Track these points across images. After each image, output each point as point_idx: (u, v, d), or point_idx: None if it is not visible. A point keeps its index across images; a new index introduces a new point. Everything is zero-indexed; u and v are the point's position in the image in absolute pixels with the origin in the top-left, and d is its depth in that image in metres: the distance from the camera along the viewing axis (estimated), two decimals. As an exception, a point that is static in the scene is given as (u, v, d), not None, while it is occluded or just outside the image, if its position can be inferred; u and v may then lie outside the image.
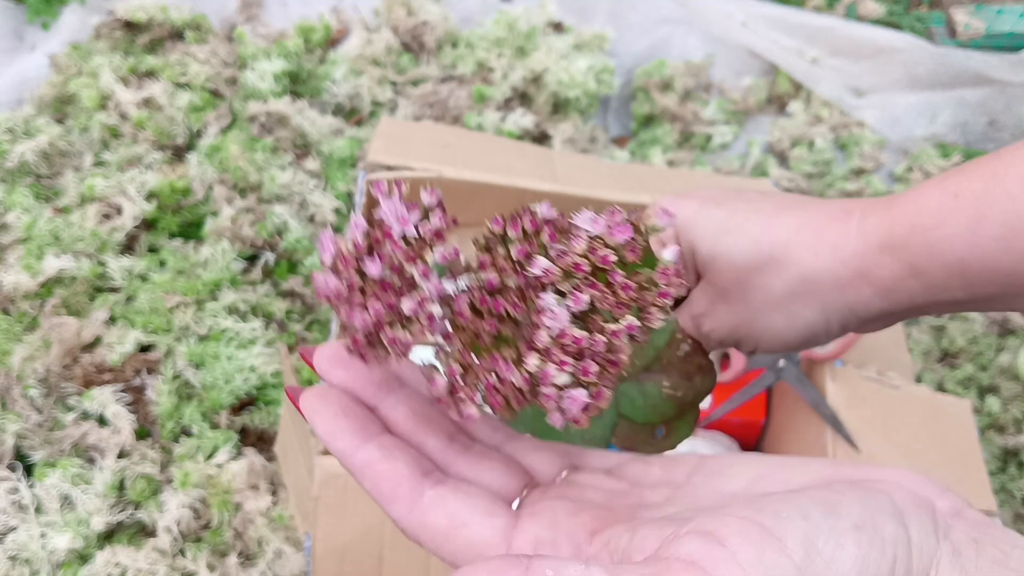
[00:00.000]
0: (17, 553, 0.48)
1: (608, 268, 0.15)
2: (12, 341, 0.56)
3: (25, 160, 0.63)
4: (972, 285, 0.20)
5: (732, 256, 0.23)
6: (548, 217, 0.16)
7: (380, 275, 0.15)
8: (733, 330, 0.24)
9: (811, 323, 0.23)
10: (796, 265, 0.23)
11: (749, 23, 0.84)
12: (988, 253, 0.20)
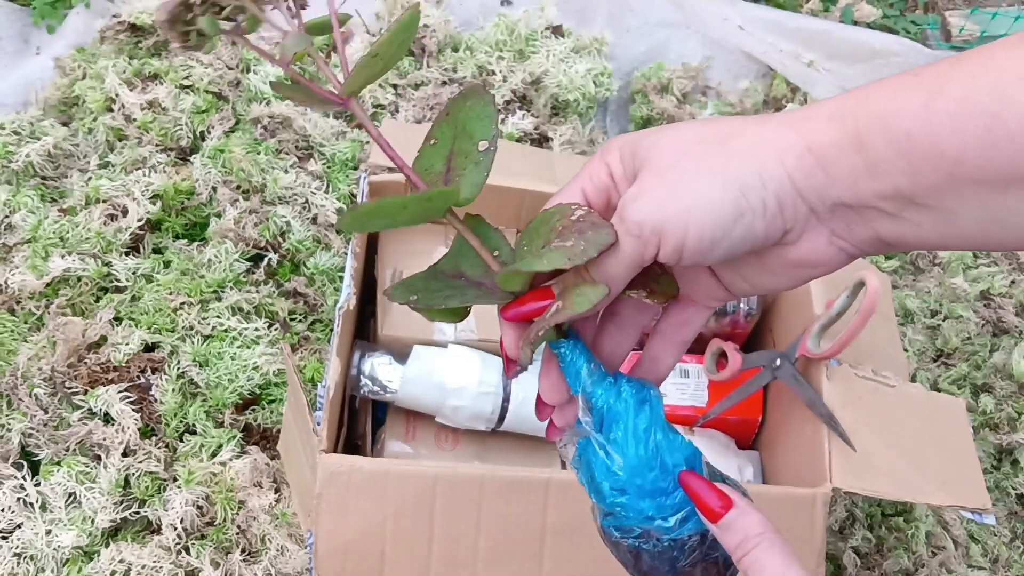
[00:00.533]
0: (23, 550, 0.49)
1: None
2: (18, 341, 0.57)
3: (31, 162, 0.64)
4: (915, 170, 0.19)
5: (676, 135, 0.22)
6: None
7: None
8: (659, 204, 0.21)
9: (747, 187, 0.20)
10: (738, 135, 0.21)
11: (746, 26, 0.85)
12: (937, 131, 0.18)
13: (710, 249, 0.21)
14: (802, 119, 0.21)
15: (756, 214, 0.21)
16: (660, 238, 0.21)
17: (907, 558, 0.59)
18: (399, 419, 0.53)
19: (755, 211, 0.21)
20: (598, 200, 0.24)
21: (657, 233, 0.21)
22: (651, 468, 0.24)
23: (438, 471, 0.43)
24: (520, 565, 0.44)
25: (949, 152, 0.18)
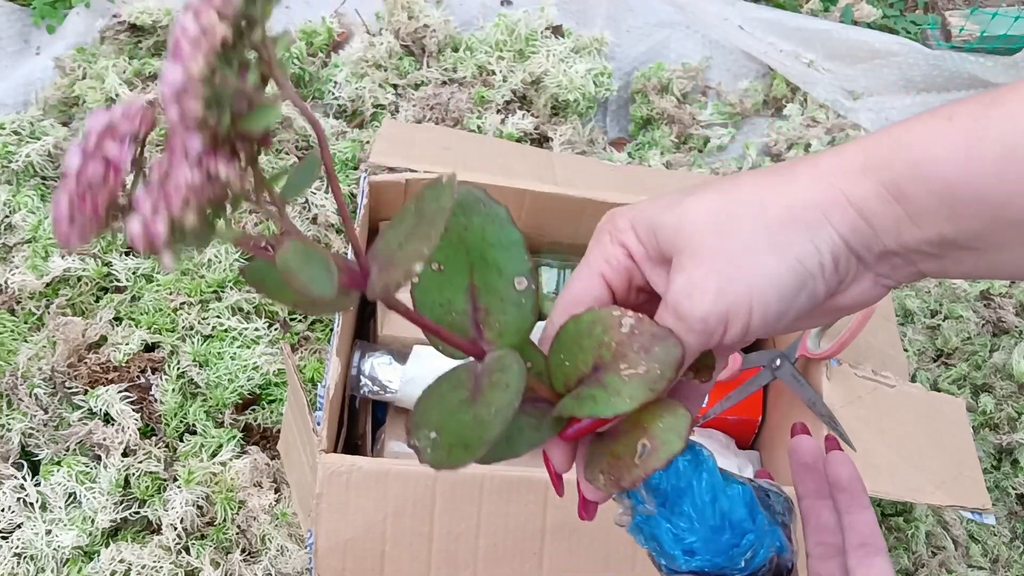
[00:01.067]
0: (23, 550, 0.49)
1: None
2: (18, 341, 0.57)
3: (31, 161, 0.64)
4: (959, 216, 0.18)
5: (702, 211, 0.21)
6: None
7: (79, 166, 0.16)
8: (719, 293, 0.20)
9: (803, 255, 0.20)
10: (773, 198, 0.20)
11: (746, 27, 0.85)
12: (981, 178, 0.18)
13: (776, 322, 0.21)
14: (835, 173, 0.20)
15: (816, 278, 0.20)
16: (726, 326, 0.21)
17: (907, 558, 0.59)
18: (399, 419, 0.53)
19: (815, 276, 0.20)
20: (620, 284, 0.23)
21: (722, 322, 0.20)
22: (722, 532, 0.24)
23: (439, 472, 0.43)
24: (520, 564, 0.44)
25: (993, 198, 0.18)
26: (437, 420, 0.20)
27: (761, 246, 0.20)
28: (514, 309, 0.21)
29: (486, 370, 0.21)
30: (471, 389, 0.21)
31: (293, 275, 0.17)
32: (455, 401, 0.21)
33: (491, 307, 0.21)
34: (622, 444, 0.21)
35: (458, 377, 0.21)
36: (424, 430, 0.20)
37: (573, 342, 0.21)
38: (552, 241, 0.59)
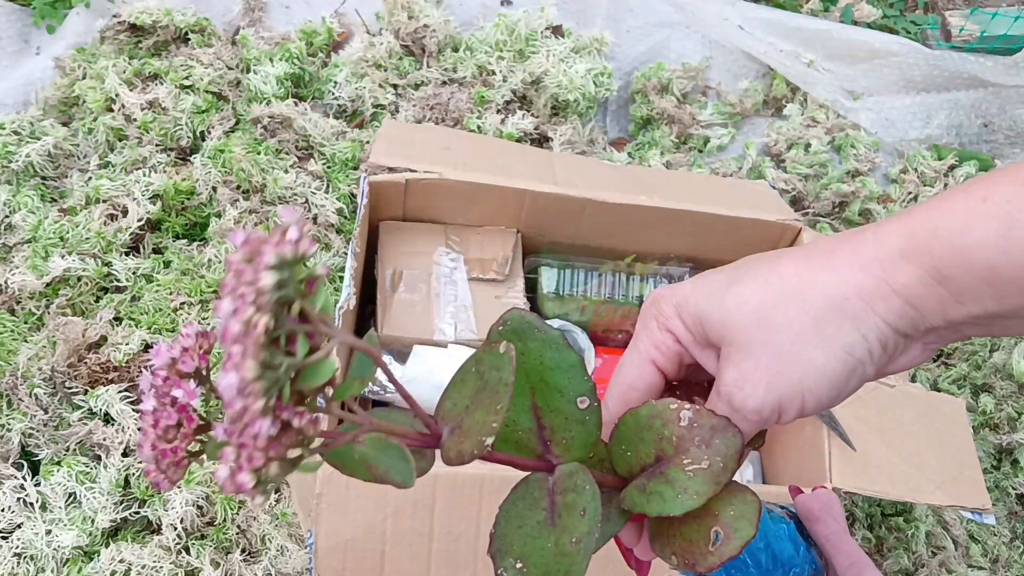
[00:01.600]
0: (23, 550, 0.49)
1: None
2: (18, 341, 0.57)
3: (31, 162, 0.64)
4: (1003, 295, 0.19)
5: (745, 303, 0.21)
6: None
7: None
8: (770, 387, 0.21)
9: (850, 346, 0.20)
10: (814, 288, 0.20)
11: (746, 27, 0.85)
12: (1021, 259, 0.18)
13: (829, 404, 0.21)
14: (875, 261, 0.20)
15: (866, 364, 0.21)
16: (780, 413, 0.21)
17: (907, 558, 0.59)
18: (399, 419, 0.53)
19: (864, 362, 0.21)
20: (671, 368, 0.23)
21: (776, 411, 0.21)
22: (774, 573, 0.25)
23: (438, 471, 0.43)
24: (520, 565, 0.44)
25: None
26: (519, 548, 0.21)
27: (808, 339, 0.20)
28: (579, 427, 0.22)
29: (559, 487, 0.22)
30: (547, 508, 0.22)
31: (373, 465, 0.19)
32: (533, 523, 0.21)
33: (556, 426, 0.22)
34: (693, 529, 0.22)
35: (531, 493, 0.22)
36: (509, 559, 0.21)
37: (634, 434, 0.22)
38: (552, 241, 0.59)
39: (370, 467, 0.19)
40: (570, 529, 0.20)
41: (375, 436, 0.19)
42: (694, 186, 0.63)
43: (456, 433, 0.20)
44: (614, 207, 0.55)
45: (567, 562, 0.20)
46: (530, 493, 0.22)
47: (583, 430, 0.22)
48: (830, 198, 0.77)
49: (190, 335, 0.18)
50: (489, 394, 0.20)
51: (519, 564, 0.21)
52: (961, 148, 0.84)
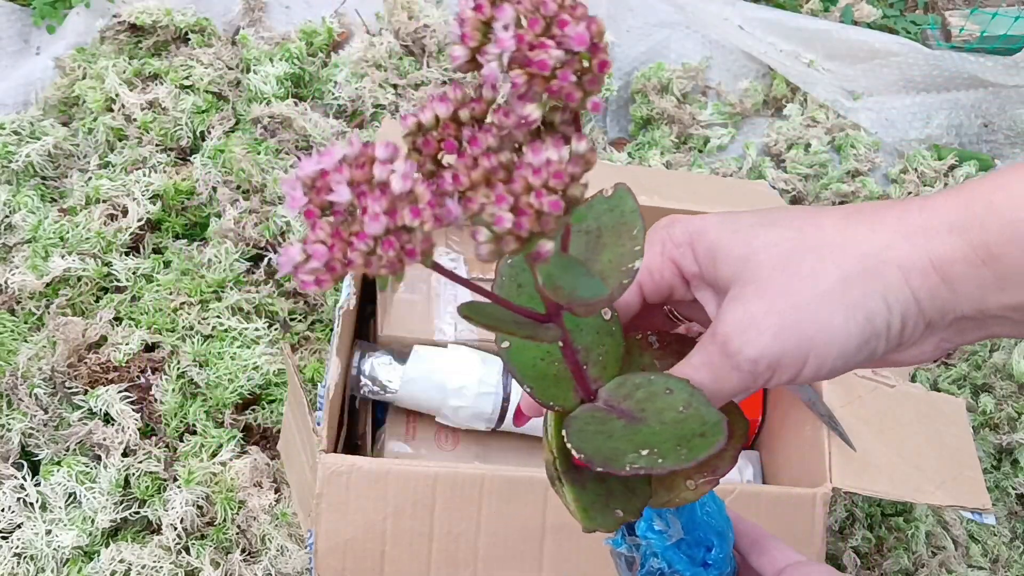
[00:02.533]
0: (23, 550, 0.49)
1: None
2: (18, 340, 0.57)
3: (31, 161, 0.64)
4: None
5: (774, 244, 0.19)
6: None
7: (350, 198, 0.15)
8: (777, 336, 0.19)
9: (873, 315, 0.18)
10: (852, 244, 0.19)
11: (746, 27, 0.85)
12: None
13: (828, 375, 0.20)
14: (921, 230, 0.19)
15: (880, 338, 0.19)
16: (774, 372, 0.19)
17: (907, 558, 0.59)
18: (399, 419, 0.53)
19: (879, 335, 0.19)
20: (656, 296, 0.22)
21: (772, 369, 0.19)
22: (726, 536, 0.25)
23: (438, 471, 0.43)
24: (520, 565, 0.44)
25: None
26: (627, 444, 0.19)
27: (832, 296, 0.19)
28: (610, 339, 0.21)
29: (617, 398, 0.21)
30: (622, 416, 0.20)
31: (559, 284, 0.17)
32: (620, 428, 0.20)
33: (590, 344, 0.21)
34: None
35: (593, 416, 0.21)
36: (629, 455, 0.19)
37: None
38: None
39: (555, 288, 0.17)
40: (667, 408, 0.19)
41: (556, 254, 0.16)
42: (694, 186, 0.63)
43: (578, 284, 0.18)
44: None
45: (694, 419, 0.19)
46: (591, 417, 0.20)
47: (613, 342, 0.21)
48: (830, 198, 0.77)
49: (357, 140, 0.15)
50: (611, 233, 0.19)
51: (643, 451, 0.19)
52: (961, 148, 0.84)
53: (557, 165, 0.15)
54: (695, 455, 0.19)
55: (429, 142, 0.17)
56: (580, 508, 0.21)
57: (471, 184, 0.15)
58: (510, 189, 0.15)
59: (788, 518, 0.45)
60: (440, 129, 0.17)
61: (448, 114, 0.17)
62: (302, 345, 0.60)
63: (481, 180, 0.15)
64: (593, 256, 0.19)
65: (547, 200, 0.15)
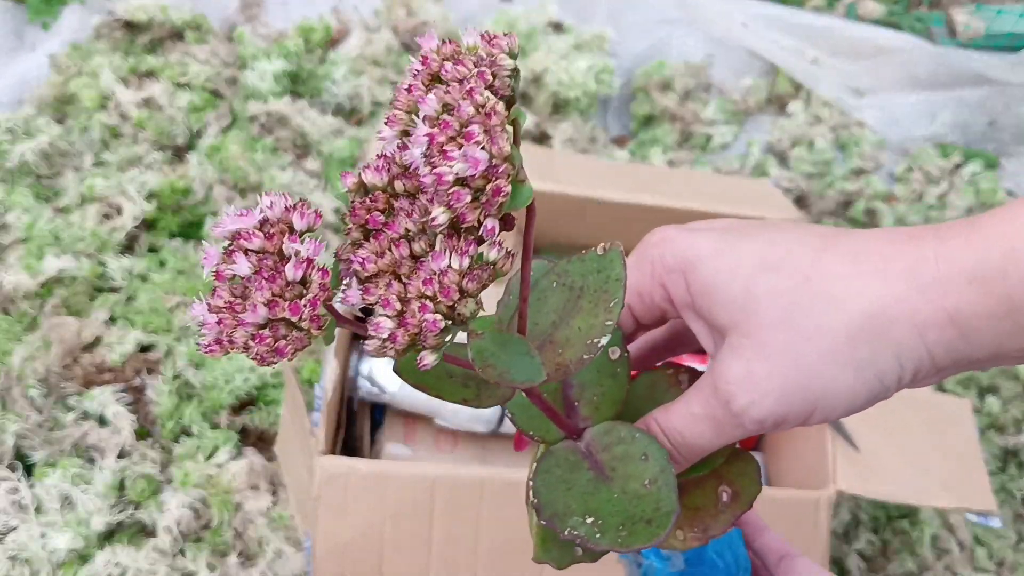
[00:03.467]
0: (17, 553, 0.48)
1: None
2: (12, 341, 0.56)
3: (25, 160, 0.63)
4: None
5: (776, 295, 0.18)
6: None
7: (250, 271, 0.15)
8: (782, 398, 0.18)
9: (884, 373, 0.18)
10: (860, 298, 0.18)
11: (749, 23, 0.84)
12: None
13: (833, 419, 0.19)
14: (937, 282, 0.17)
15: (890, 389, 0.19)
16: (779, 426, 0.19)
17: (912, 561, 0.59)
18: (397, 421, 0.52)
19: (890, 388, 0.19)
20: (648, 318, 0.21)
21: (777, 424, 0.19)
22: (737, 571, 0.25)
23: (437, 473, 0.42)
24: (520, 568, 0.43)
25: None
26: (580, 505, 0.19)
27: (839, 356, 0.18)
28: (610, 380, 0.21)
29: (598, 446, 0.20)
30: (592, 467, 0.20)
31: (490, 364, 0.16)
32: (583, 482, 0.20)
33: (586, 381, 0.21)
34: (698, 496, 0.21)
35: (566, 458, 0.20)
36: (574, 518, 0.19)
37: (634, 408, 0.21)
38: (552, 241, 0.58)
39: (487, 367, 0.16)
40: (635, 476, 0.19)
41: (494, 331, 0.17)
42: (697, 184, 0.62)
43: (547, 349, 0.18)
44: (616, 206, 0.54)
45: (651, 500, 0.18)
46: (564, 459, 0.20)
47: (614, 384, 0.21)
48: (834, 196, 0.76)
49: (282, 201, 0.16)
50: (590, 298, 0.18)
51: (589, 519, 0.19)
52: (967, 146, 0.83)
53: (452, 277, 0.15)
54: (631, 542, 0.18)
55: (356, 212, 0.16)
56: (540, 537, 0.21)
57: (376, 272, 0.15)
58: (401, 294, 0.15)
59: (792, 521, 0.44)
60: (380, 194, 0.16)
61: (383, 183, 0.16)
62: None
63: (386, 270, 0.15)
64: (566, 318, 0.18)
65: (428, 317, 0.15)
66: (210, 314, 0.15)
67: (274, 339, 0.15)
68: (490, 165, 0.14)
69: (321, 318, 0.15)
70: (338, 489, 0.41)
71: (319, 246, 0.16)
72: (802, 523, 0.44)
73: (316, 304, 0.15)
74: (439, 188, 0.14)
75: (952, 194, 0.78)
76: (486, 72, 0.14)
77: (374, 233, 0.16)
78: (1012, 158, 0.83)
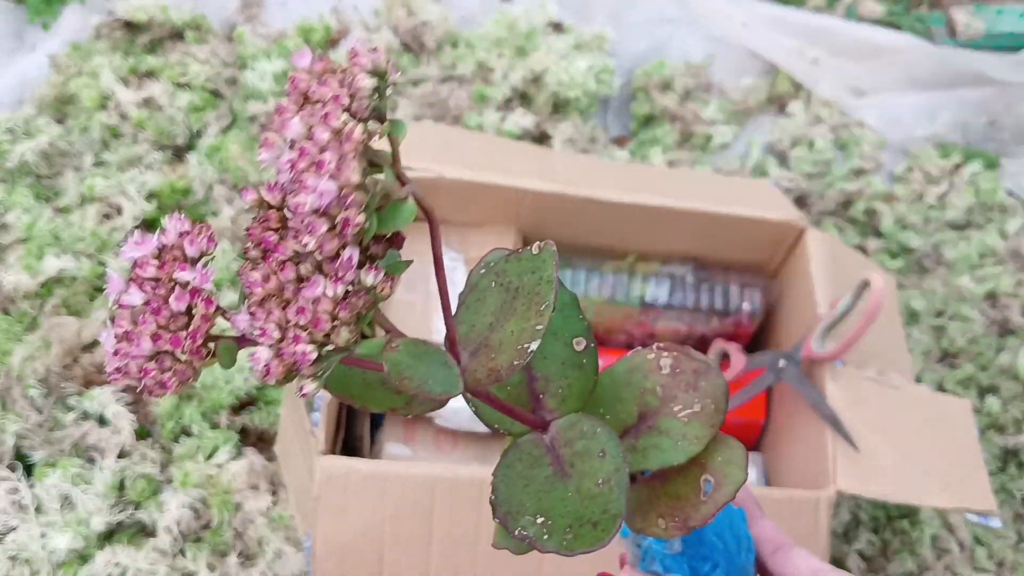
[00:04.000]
0: (17, 553, 0.48)
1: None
2: (12, 341, 0.56)
3: (25, 160, 0.63)
4: None
5: None
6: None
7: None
8: None
9: None
10: None
11: (749, 23, 0.84)
12: None
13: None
14: None
15: None
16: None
17: (912, 561, 0.59)
18: (397, 421, 0.52)
19: None
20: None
21: None
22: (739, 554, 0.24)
23: (437, 473, 0.42)
24: (520, 568, 0.43)
25: None
26: (534, 505, 0.19)
27: None
28: (576, 372, 0.20)
29: (561, 440, 0.20)
30: (553, 463, 0.20)
31: (406, 376, 0.16)
32: (541, 479, 0.19)
33: (551, 374, 0.21)
34: (680, 484, 0.20)
35: (528, 453, 0.20)
36: (525, 517, 0.19)
37: (611, 395, 0.21)
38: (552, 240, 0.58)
39: (403, 379, 0.16)
40: (591, 474, 0.19)
41: (409, 341, 0.16)
42: (697, 184, 0.62)
43: (481, 353, 0.18)
44: (615, 206, 0.54)
45: (601, 501, 0.18)
46: (526, 453, 0.20)
47: (580, 375, 0.20)
48: (834, 196, 0.76)
49: (178, 226, 0.16)
50: (524, 300, 0.18)
51: (539, 519, 0.19)
52: (967, 146, 0.83)
53: (325, 305, 0.15)
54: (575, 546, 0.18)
55: (252, 231, 0.16)
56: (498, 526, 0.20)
57: (263, 296, 0.15)
58: (282, 321, 0.15)
59: (792, 521, 0.44)
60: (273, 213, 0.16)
61: (277, 202, 0.16)
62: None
63: (273, 293, 0.15)
64: (500, 321, 0.18)
65: (299, 349, 0.14)
66: (112, 343, 0.16)
67: (160, 371, 0.15)
68: (340, 195, 0.14)
69: (202, 350, 0.15)
70: (338, 489, 0.41)
71: (208, 274, 0.16)
72: (802, 523, 0.44)
73: (196, 336, 0.15)
74: (299, 218, 0.14)
75: (952, 194, 0.78)
76: (342, 95, 0.14)
77: (265, 255, 0.16)
78: (1012, 158, 0.83)
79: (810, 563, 0.24)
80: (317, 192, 0.14)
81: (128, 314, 0.16)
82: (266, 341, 0.15)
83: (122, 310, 0.16)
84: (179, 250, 0.16)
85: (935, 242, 0.75)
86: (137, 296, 0.16)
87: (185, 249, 0.16)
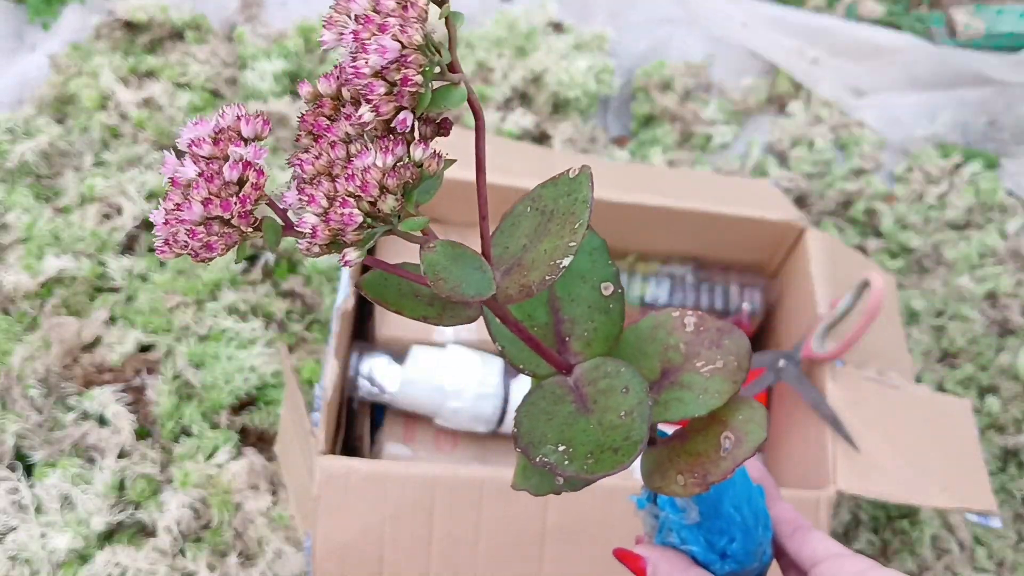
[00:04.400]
0: (17, 553, 0.48)
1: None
2: (12, 341, 0.56)
3: (25, 160, 0.63)
4: None
5: None
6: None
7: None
8: None
9: None
10: None
11: (749, 23, 0.84)
12: None
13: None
14: None
15: None
16: None
17: (911, 561, 0.59)
18: (398, 421, 0.52)
19: None
20: None
21: None
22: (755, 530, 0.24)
23: (437, 473, 0.42)
24: (520, 568, 0.43)
25: None
26: (556, 435, 0.19)
27: None
28: (602, 316, 0.21)
29: (585, 380, 0.20)
30: (576, 401, 0.20)
31: (442, 277, 0.16)
32: (564, 414, 0.20)
33: (577, 316, 0.21)
34: (700, 442, 0.20)
35: (553, 392, 0.20)
36: (547, 446, 0.19)
37: (635, 349, 0.21)
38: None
39: (439, 281, 0.16)
40: (614, 408, 0.19)
41: (447, 243, 0.17)
42: (697, 184, 0.62)
43: (514, 271, 0.18)
44: (615, 206, 0.54)
45: (623, 430, 0.18)
46: (550, 392, 0.20)
47: (607, 320, 0.20)
48: (834, 196, 0.76)
49: (235, 111, 0.17)
50: (558, 221, 0.18)
51: (561, 447, 0.19)
52: (967, 146, 0.83)
53: (374, 174, 0.15)
54: (596, 469, 0.18)
55: (305, 119, 0.17)
56: (520, 466, 0.21)
57: (315, 173, 0.15)
58: (330, 192, 0.15)
59: (792, 522, 0.44)
60: (328, 100, 0.17)
61: (331, 91, 0.17)
62: (299, 346, 0.59)
63: (323, 171, 0.16)
64: (535, 242, 0.18)
65: (346, 212, 0.15)
66: (161, 216, 0.16)
67: (207, 235, 0.16)
68: (400, 55, 0.14)
69: (250, 215, 0.16)
70: (338, 489, 0.41)
71: (262, 151, 0.16)
72: (802, 523, 0.44)
73: (247, 201, 0.16)
74: (358, 81, 0.15)
75: (952, 194, 0.78)
76: None
77: (317, 138, 0.16)
78: (1012, 158, 0.83)
79: (828, 545, 0.24)
80: (380, 49, 0.14)
81: (179, 192, 0.16)
82: (314, 208, 0.15)
83: (174, 187, 0.16)
84: (235, 132, 0.17)
85: (935, 242, 0.75)
86: (191, 169, 0.16)
87: (241, 129, 0.17)
